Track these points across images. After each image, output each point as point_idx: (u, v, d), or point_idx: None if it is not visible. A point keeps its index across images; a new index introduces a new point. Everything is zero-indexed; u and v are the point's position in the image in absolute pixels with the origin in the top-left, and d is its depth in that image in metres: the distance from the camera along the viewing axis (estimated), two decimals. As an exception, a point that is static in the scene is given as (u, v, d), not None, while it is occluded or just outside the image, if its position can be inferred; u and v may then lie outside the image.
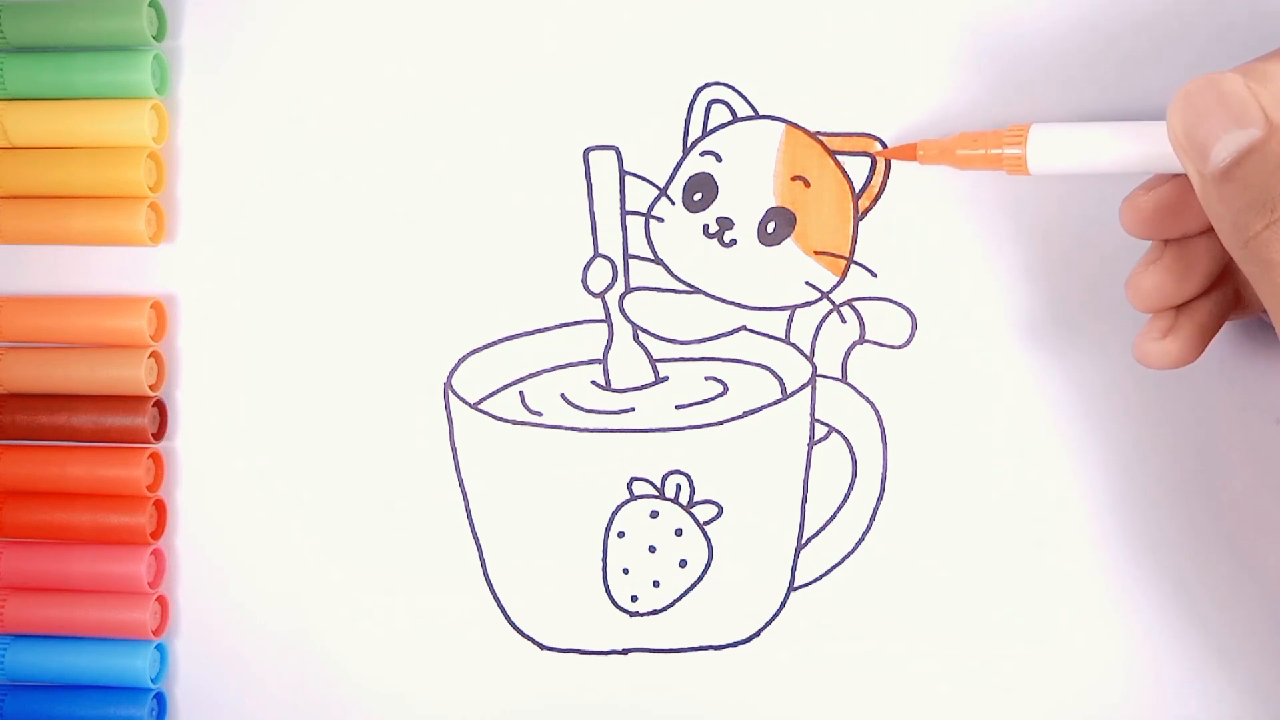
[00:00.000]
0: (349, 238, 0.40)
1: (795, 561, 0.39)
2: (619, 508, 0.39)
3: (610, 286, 0.39)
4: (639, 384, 0.39)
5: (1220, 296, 0.35)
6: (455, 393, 0.40)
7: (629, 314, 0.39)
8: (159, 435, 0.41)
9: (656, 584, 0.39)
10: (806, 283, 0.39)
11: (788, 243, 0.39)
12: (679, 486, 0.39)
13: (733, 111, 0.39)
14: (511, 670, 0.40)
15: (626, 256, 0.39)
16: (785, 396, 0.39)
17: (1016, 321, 0.38)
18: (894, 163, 0.38)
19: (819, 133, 0.39)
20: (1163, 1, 0.37)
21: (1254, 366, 0.38)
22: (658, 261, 0.39)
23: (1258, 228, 0.29)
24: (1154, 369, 0.35)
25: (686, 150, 0.39)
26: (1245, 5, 0.37)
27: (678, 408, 0.39)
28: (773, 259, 0.39)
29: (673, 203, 0.39)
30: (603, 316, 0.39)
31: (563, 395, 0.39)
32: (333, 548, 0.40)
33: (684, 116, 0.39)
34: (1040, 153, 0.35)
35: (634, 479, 0.39)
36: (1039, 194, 0.38)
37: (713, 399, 0.39)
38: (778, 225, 0.39)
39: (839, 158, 0.39)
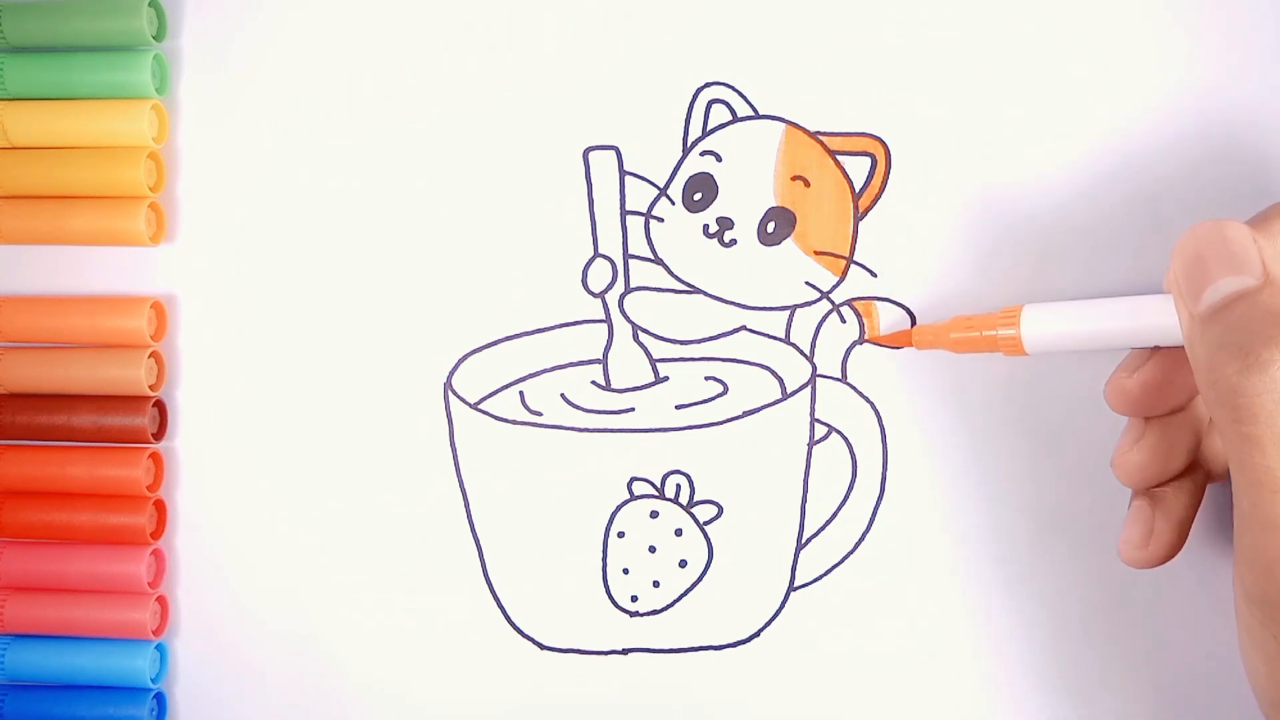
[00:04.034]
0: (349, 238, 0.40)
1: (795, 561, 0.39)
2: (619, 508, 0.39)
3: (610, 286, 0.39)
4: (639, 384, 0.39)
5: (1192, 485, 0.36)
6: (455, 393, 0.40)
7: (629, 314, 0.39)
8: (159, 435, 0.41)
9: (656, 584, 0.39)
10: (806, 283, 0.39)
11: (788, 243, 0.39)
12: (679, 486, 0.39)
13: (733, 111, 0.39)
14: (511, 670, 0.40)
15: (626, 256, 0.39)
16: (785, 396, 0.39)
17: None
18: (894, 163, 0.38)
19: (819, 133, 0.39)
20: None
21: None
22: (658, 261, 0.39)
23: (1231, 371, 0.29)
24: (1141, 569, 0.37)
25: (686, 150, 0.39)
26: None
27: (678, 408, 0.39)
28: (773, 259, 0.39)
29: (673, 203, 0.39)
30: (603, 316, 0.39)
31: (563, 395, 0.39)
32: (333, 547, 0.40)
33: (684, 116, 0.39)
34: (1035, 332, 0.35)
35: (634, 479, 0.39)
36: (1037, 194, 0.38)
37: (713, 399, 0.39)
38: (778, 225, 0.39)
39: (839, 158, 0.39)
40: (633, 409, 0.39)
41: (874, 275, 0.39)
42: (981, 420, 0.39)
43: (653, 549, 0.39)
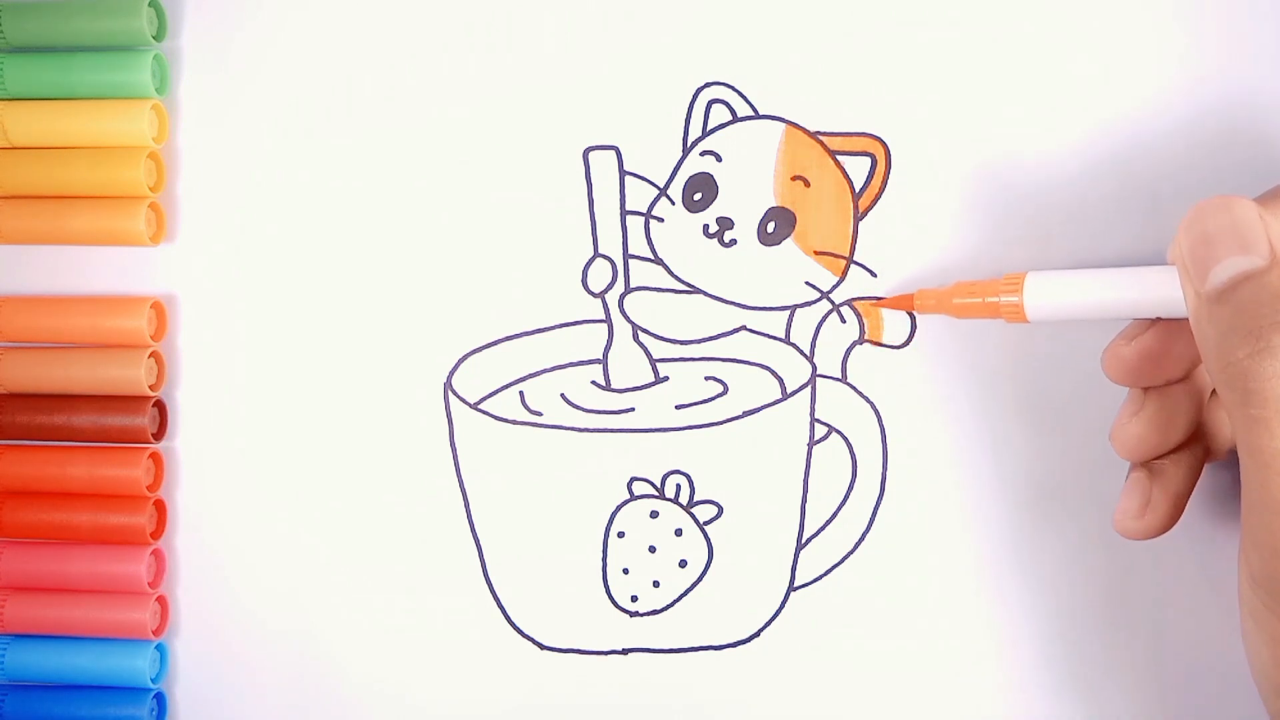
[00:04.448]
0: (349, 238, 0.40)
1: (795, 561, 0.39)
2: (619, 508, 0.39)
3: (610, 286, 0.39)
4: (639, 384, 0.39)
5: (1191, 459, 0.36)
6: (455, 393, 0.40)
7: (629, 314, 0.39)
8: (159, 435, 0.41)
9: (656, 584, 0.39)
10: (806, 283, 0.39)
11: (788, 243, 0.39)
12: (679, 486, 0.39)
13: (733, 111, 0.39)
14: (511, 670, 0.40)
15: (626, 256, 0.39)
16: (785, 396, 0.39)
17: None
18: (894, 163, 0.38)
19: (819, 133, 0.39)
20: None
21: None
22: (658, 261, 0.39)
23: (1241, 354, 0.29)
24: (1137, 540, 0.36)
25: (686, 150, 0.39)
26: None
27: (678, 408, 0.39)
28: (773, 259, 0.39)
29: (673, 203, 0.39)
30: (603, 316, 0.39)
31: (563, 395, 0.39)
32: (333, 547, 0.40)
33: (684, 116, 0.39)
34: (1038, 300, 0.35)
35: (634, 479, 0.39)
36: (1038, 194, 0.38)
37: (713, 399, 0.39)
38: (778, 225, 0.39)
39: (839, 158, 0.39)
40: (633, 409, 0.39)
41: (874, 275, 0.39)
42: (981, 421, 0.39)
43: (653, 549, 0.39)
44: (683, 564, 0.39)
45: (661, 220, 0.39)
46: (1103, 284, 0.35)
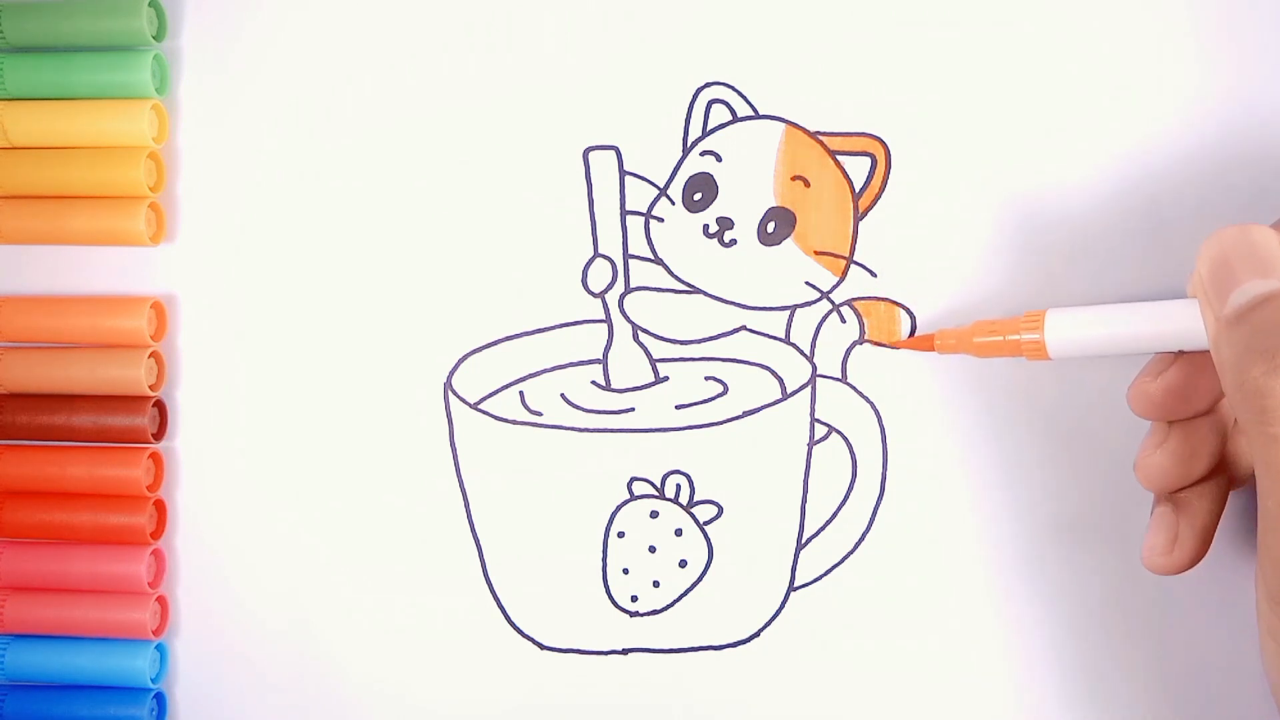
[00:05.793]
0: (349, 237, 0.40)
1: (795, 561, 0.39)
2: (619, 508, 0.39)
3: (610, 286, 0.39)
4: (639, 384, 0.39)
5: (1216, 490, 0.36)
6: (455, 393, 0.40)
7: (629, 314, 0.39)
8: (159, 435, 0.41)
9: (656, 584, 0.39)
10: (806, 283, 0.39)
11: (788, 243, 0.39)
12: (679, 486, 0.39)
13: (733, 111, 0.39)
14: (511, 670, 0.40)
15: (626, 256, 0.39)
16: (785, 396, 0.39)
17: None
18: (894, 163, 0.38)
19: (819, 133, 0.39)
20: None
21: None
22: (658, 261, 0.39)
23: (1257, 372, 0.29)
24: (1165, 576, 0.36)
25: (686, 150, 0.39)
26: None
27: (678, 408, 0.39)
28: (773, 259, 0.39)
29: (673, 203, 0.39)
30: (603, 316, 0.39)
31: (563, 395, 0.39)
32: (333, 548, 0.40)
33: (684, 116, 0.39)
34: (1059, 337, 0.35)
35: (634, 479, 0.39)
36: (1038, 193, 0.38)
37: (713, 399, 0.39)
38: (778, 225, 0.39)
39: (839, 158, 0.39)
40: (633, 409, 0.39)
41: (874, 275, 0.39)
42: (983, 420, 0.39)
43: (653, 549, 0.39)
44: (683, 564, 0.39)
45: (661, 220, 0.39)
46: (1124, 319, 0.35)
